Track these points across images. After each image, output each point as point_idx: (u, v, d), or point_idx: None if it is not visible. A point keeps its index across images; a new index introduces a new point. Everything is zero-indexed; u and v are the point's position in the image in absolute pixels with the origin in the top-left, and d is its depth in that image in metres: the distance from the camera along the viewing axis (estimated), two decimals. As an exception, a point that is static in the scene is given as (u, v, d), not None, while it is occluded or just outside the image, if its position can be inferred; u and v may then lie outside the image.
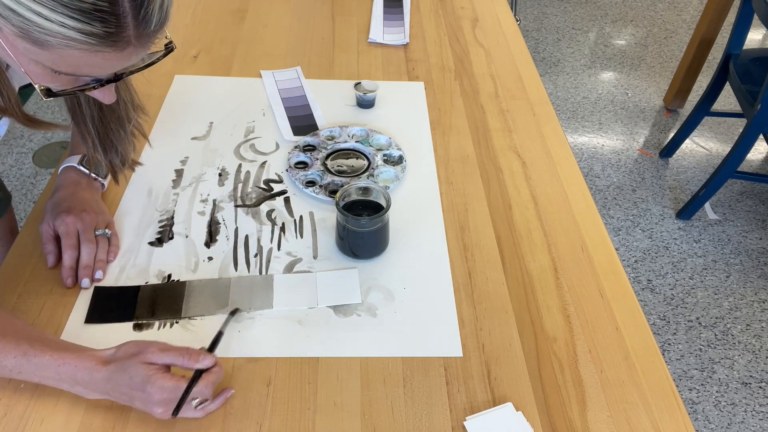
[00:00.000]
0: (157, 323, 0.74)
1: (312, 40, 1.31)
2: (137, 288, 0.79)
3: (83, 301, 0.76)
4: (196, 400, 0.63)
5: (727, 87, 2.20)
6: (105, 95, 0.60)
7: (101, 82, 0.58)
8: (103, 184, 0.88)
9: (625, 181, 2.30)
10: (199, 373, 0.63)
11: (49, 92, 0.56)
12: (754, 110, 1.87)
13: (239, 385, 0.69)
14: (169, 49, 0.61)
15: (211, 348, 0.67)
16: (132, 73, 0.60)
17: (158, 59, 0.61)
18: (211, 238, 0.86)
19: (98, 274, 0.79)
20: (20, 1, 0.46)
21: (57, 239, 0.80)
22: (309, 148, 1.02)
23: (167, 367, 0.64)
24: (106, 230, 0.82)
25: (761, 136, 2.13)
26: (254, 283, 0.80)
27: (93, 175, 0.86)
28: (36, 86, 0.55)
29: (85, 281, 0.78)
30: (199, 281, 0.80)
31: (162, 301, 0.77)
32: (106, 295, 0.77)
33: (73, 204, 0.81)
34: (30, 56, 0.51)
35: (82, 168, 0.85)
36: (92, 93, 0.59)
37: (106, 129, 0.76)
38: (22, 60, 0.52)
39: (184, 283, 0.80)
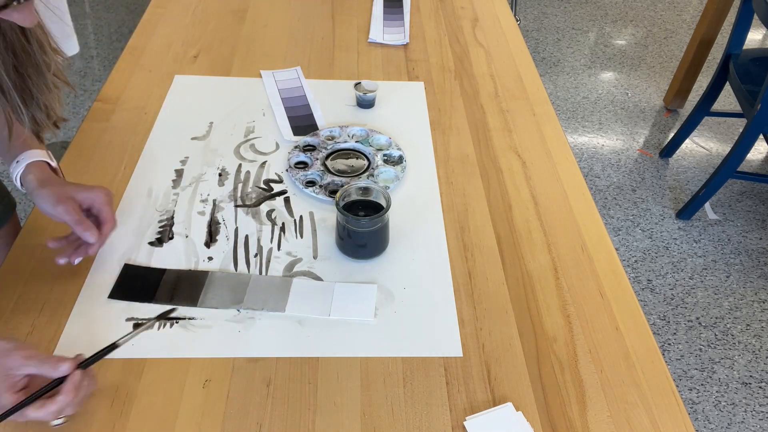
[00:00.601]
0: (157, 323, 0.75)
1: (312, 40, 1.31)
2: (164, 271, 0.81)
3: (83, 302, 0.77)
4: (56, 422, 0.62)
5: (727, 87, 2.20)
6: (25, 17, 0.57)
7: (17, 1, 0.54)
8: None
9: (625, 181, 2.30)
10: (54, 385, 0.61)
11: None
12: (754, 110, 1.87)
13: (239, 385, 0.69)
14: None
15: (88, 362, 0.64)
16: None
17: None
18: (211, 238, 0.86)
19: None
20: None
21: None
22: (309, 148, 1.02)
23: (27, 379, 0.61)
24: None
25: (761, 136, 2.13)
26: (272, 284, 0.80)
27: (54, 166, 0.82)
28: None
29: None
30: (221, 273, 0.81)
31: (183, 287, 0.79)
32: (134, 273, 0.80)
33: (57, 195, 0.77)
34: None
35: (54, 164, 0.81)
36: (10, 16, 0.56)
37: (23, 78, 0.69)
38: None
39: (206, 272, 0.81)
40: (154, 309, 0.76)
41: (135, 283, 0.79)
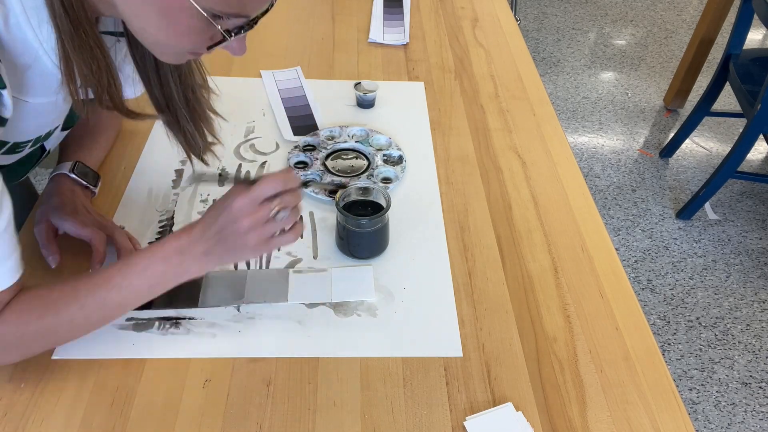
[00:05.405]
0: (157, 322, 0.74)
1: (312, 40, 1.31)
2: None
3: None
4: (275, 210, 0.64)
5: (727, 87, 2.20)
6: (241, 45, 0.62)
7: (243, 29, 0.59)
8: (93, 192, 0.87)
9: (625, 181, 2.30)
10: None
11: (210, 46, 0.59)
12: (754, 110, 1.87)
13: (239, 385, 0.69)
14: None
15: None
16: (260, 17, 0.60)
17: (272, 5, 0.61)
18: (211, 238, 0.86)
19: None
20: None
21: (56, 239, 0.79)
22: (309, 148, 1.02)
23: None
24: (121, 227, 0.82)
25: (761, 136, 2.13)
26: (270, 277, 0.81)
27: (84, 182, 0.85)
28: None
29: None
30: (216, 272, 0.81)
31: (180, 290, 0.77)
32: None
33: (76, 207, 0.80)
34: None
35: (74, 176, 0.84)
36: (231, 44, 0.60)
37: (197, 107, 0.78)
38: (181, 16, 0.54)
39: None
40: (154, 312, 0.76)
41: None
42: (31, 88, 0.62)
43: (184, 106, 0.75)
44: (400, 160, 1.00)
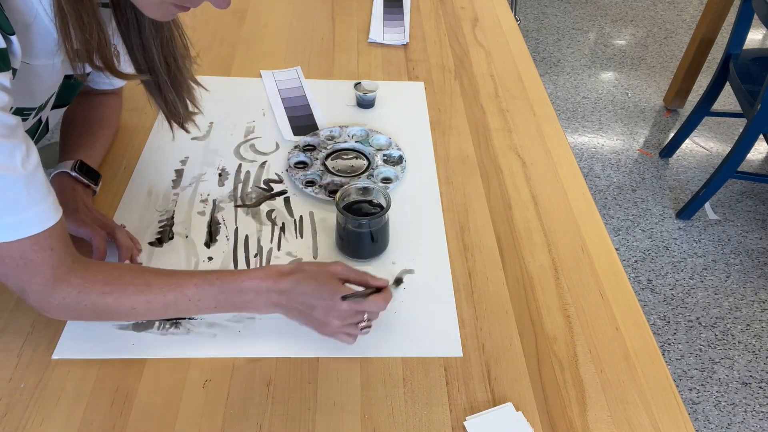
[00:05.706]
0: (157, 322, 0.74)
1: (312, 40, 1.31)
2: None
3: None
4: (364, 323, 0.70)
5: (727, 87, 2.20)
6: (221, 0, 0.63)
7: None
8: (94, 191, 0.87)
9: (625, 181, 2.30)
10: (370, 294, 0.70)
11: None
12: (754, 110, 1.87)
13: (239, 385, 0.69)
14: None
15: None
16: None
17: None
18: (211, 238, 0.86)
19: (139, 258, 0.81)
20: None
21: None
22: (309, 148, 1.02)
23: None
24: (122, 226, 0.83)
25: (761, 136, 2.14)
26: None
27: (85, 181, 0.85)
28: None
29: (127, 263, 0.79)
30: None
31: None
32: None
33: (77, 206, 0.81)
34: None
35: (75, 174, 0.84)
36: None
37: (179, 75, 0.80)
38: None
39: None
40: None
41: None
42: (31, 48, 0.64)
43: (165, 72, 0.77)
44: (400, 160, 1.00)
